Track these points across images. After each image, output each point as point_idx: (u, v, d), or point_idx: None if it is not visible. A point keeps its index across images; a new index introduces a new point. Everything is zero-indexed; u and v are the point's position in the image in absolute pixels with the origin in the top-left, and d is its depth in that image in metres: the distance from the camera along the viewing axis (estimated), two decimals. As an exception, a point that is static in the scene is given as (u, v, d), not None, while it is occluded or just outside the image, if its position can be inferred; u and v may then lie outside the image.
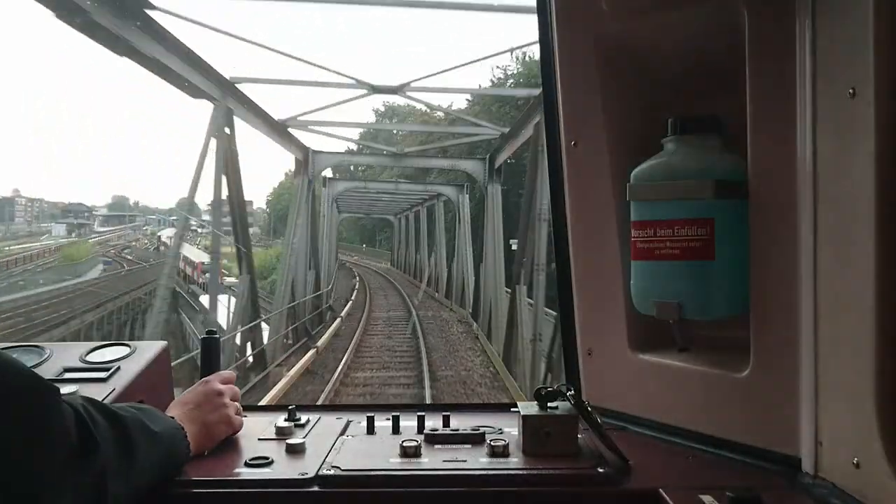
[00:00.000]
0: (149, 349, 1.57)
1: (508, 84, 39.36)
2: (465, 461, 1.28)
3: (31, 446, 0.88)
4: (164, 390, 1.55)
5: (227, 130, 13.99)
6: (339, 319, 24.35)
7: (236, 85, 14.71)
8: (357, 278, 44.42)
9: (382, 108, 68.06)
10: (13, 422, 0.87)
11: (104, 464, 0.99)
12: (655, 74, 1.51)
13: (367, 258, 72.01)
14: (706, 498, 1.11)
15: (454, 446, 1.35)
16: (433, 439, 1.37)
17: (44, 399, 0.93)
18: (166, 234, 60.23)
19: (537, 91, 15.15)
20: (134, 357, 1.53)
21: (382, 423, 1.47)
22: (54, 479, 0.91)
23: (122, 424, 1.07)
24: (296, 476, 1.22)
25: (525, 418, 1.32)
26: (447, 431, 1.40)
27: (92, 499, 0.97)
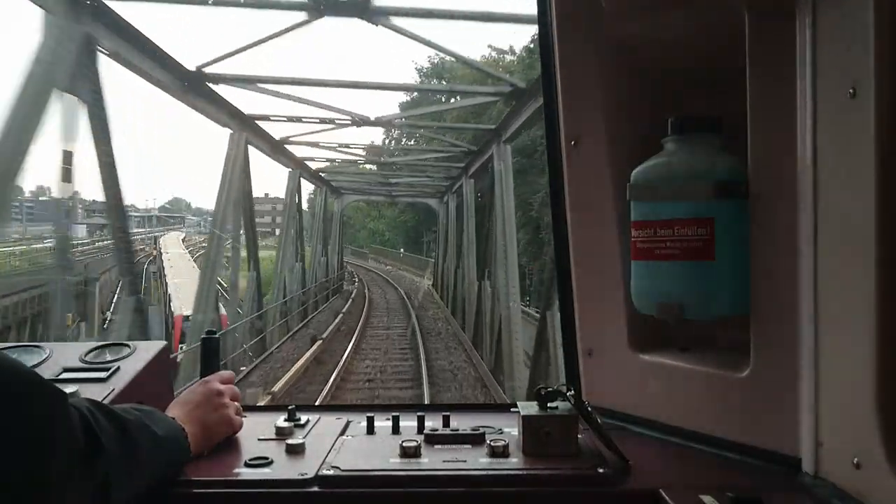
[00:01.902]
0: (149, 349, 1.57)
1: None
2: (465, 461, 1.27)
3: (38, 450, 0.88)
4: (164, 390, 1.54)
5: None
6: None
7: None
8: (324, 338, 19.97)
9: (428, 65, 48.52)
10: (21, 426, 0.87)
11: (108, 467, 0.99)
12: (655, 74, 1.51)
13: (404, 268, 50.95)
14: (706, 498, 1.11)
15: (454, 446, 1.35)
16: (433, 439, 1.37)
17: (51, 403, 0.93)
18: (171, 237, 58.44)
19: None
20: (134, 357, 1.53)
21: (382, 423, 1.47)
22: (60, 482, 0.91)
23: (126, 427, 1.07)
24: (296, 476, 1.22)
25: (525, 418, 1.32)
26: (447, 431, 1.40)
27: (95, 501, 0.98)
